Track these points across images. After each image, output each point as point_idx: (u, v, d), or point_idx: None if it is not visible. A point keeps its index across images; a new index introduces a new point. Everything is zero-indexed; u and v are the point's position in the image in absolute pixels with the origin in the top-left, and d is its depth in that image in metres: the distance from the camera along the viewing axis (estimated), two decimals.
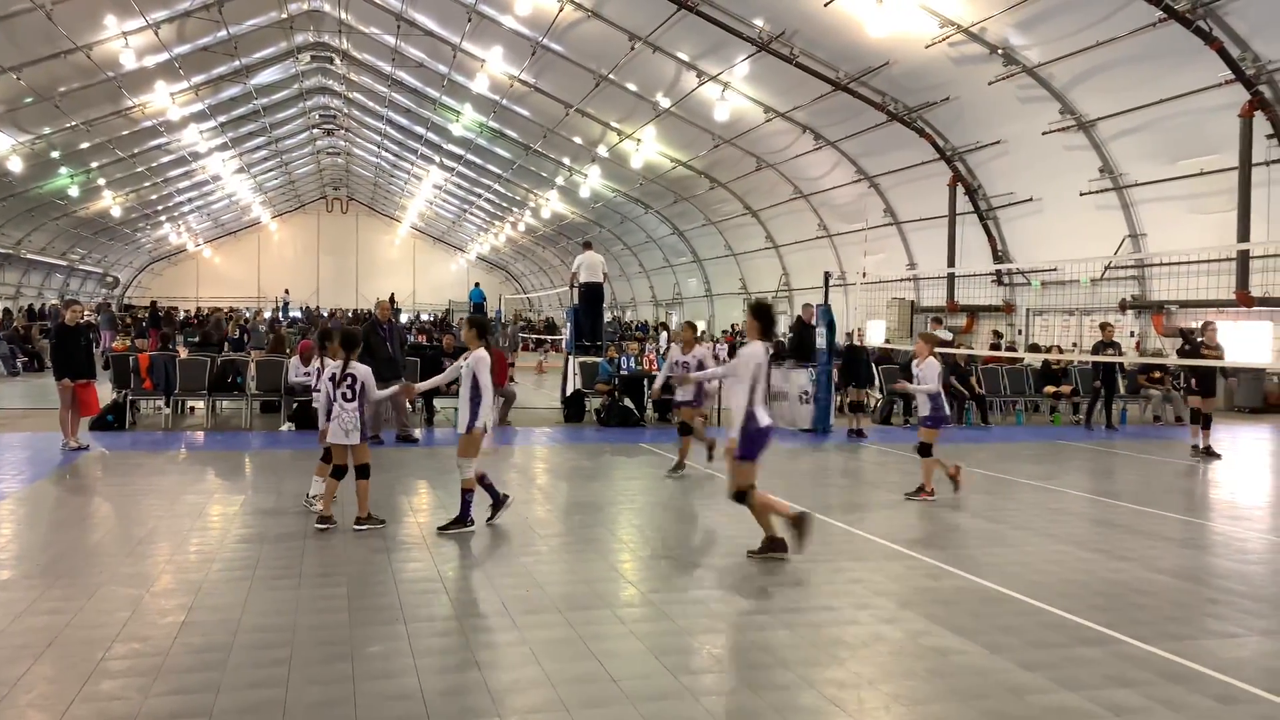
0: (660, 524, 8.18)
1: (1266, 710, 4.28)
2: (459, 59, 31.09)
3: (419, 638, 5.00)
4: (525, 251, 65.09)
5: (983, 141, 24.74)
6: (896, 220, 30.07)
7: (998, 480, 10.90)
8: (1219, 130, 19.02)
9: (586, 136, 35.82)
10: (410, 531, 7.57)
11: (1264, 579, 6.67)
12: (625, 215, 46.67)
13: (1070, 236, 23.35)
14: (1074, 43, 19.52)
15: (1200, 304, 20.04)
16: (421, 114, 40.51)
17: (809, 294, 30.39)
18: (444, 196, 58.05)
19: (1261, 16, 17.05)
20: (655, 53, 25.96)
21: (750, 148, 31.60)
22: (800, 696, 4.34)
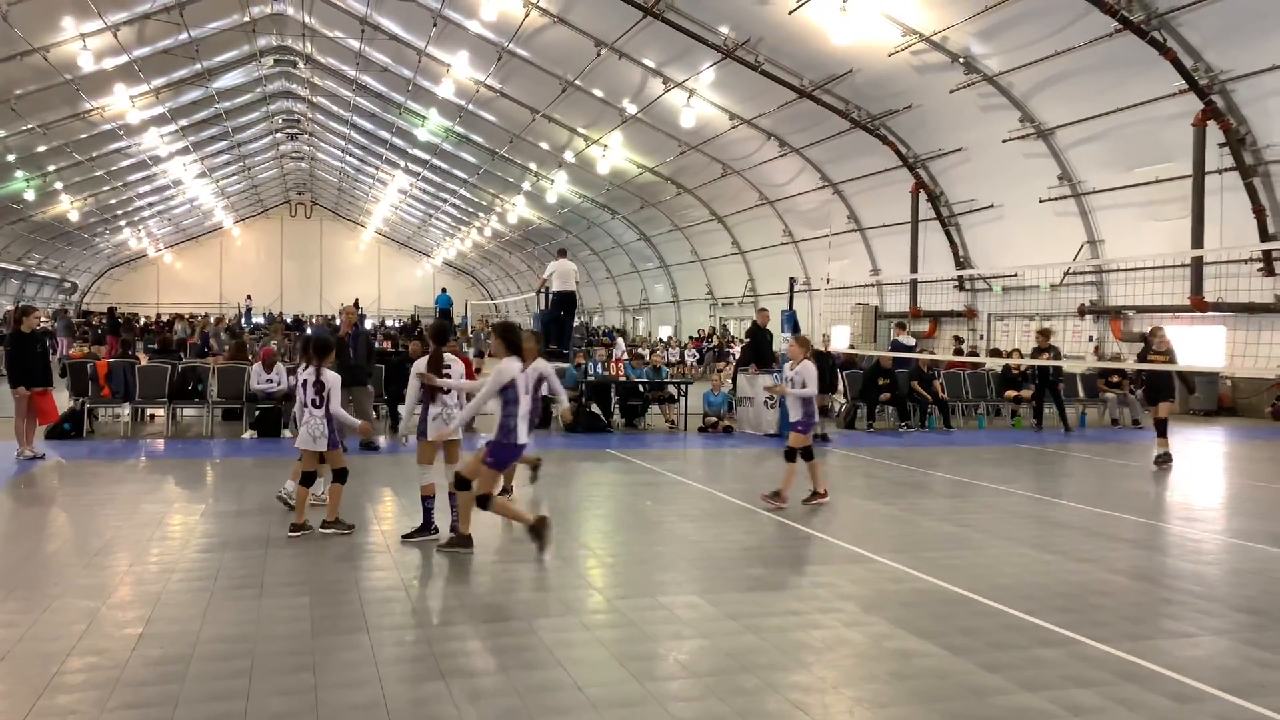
0: (627, 530, 8.18)
1: (1220, 709, 4.36)
2: (424, 64, 30.97)
3: (383, 647, 4.97)
4: (492, 257, 64.87)
5: (944, 149, 25.06)
6: (860, 226, 30.36)
7: (960, 484, 11.03)
8: (1173, 139, 19.43)
9: (553, 142, 35.80)
10: (374, 540, 7.51)
11: (1218, 580, 6.81)
12: (592, 221, 46.69)
13: (1030, 242, 23.72)
14: (1033, 52, 19.85)
15: (1156, 309, 20.43)
16: (386, 118, 40.28)
17: (774, 299, 30.55)
18: (409, 201, 57.73)
19: (1213, 28, 17.45)
20: (621, 59, 26.03)
21: (716, 154, 31.76)
22: (766, 701, 4.36)
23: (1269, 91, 17.81)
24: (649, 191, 38.45)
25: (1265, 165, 18.57)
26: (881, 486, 10.78)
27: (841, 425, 17.09)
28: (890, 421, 17.32)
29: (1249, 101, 18.29)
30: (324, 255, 67.77)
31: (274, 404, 14.06)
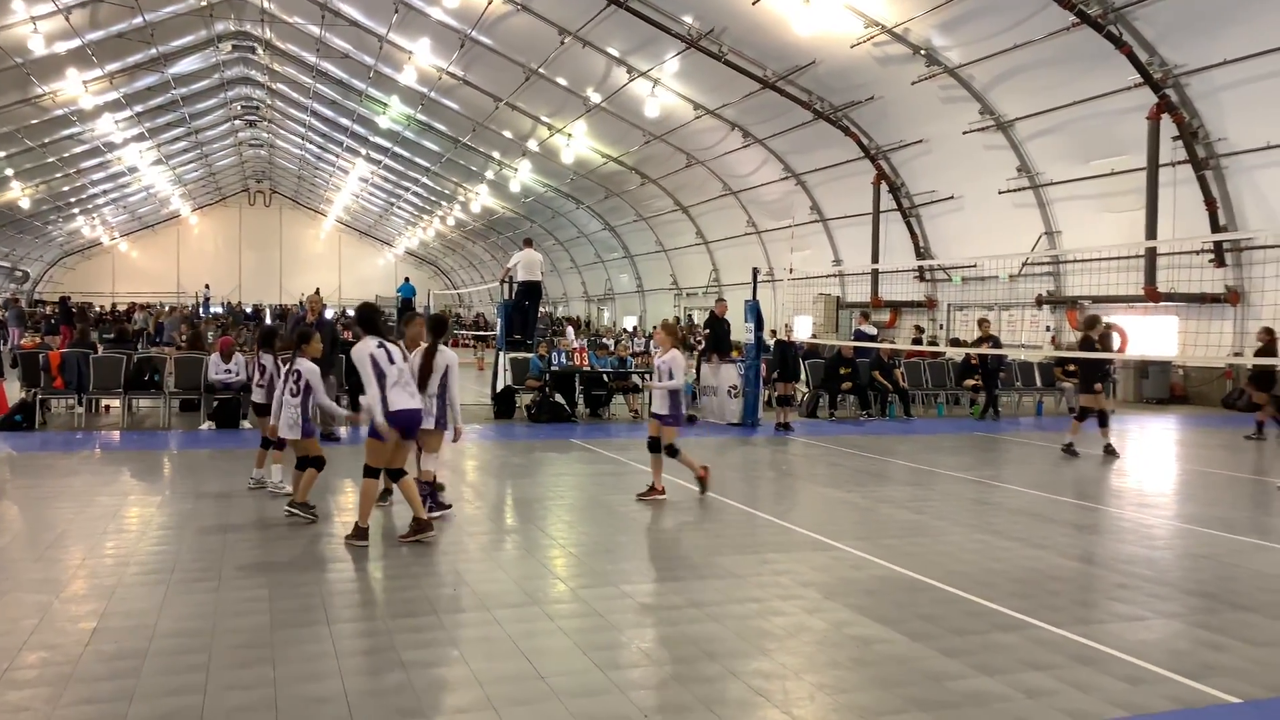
0: (590, 520, 8.18)
1: (1171, 690, 4.46)
2: (385, 50, 30.62)
3: (343, 638, 4.93)
4: (455, 246, 64.43)
5: (906, 140, 25.26)
6: (823, 217, 30.54)
7: (920, 471, 11.16)
8: (1128, 132, 19.75)
9: (517, 130, 35.58)
10: (335, 531, 7.45)
11: (1169, 564, 6.96)
12: (556, 210, 46.52)
13: (989, 233, 24.02)
14: (993, 45, 20.05)
15: (1111, 299, 20.79)
16: (347, 106, 39.78)
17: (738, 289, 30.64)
18: (370, 190, 57.13)
19: (1168, 22, 17.74)
20: (585, 47, 25.92)
21: (680, 144, 31.76)
22: (727, 689, 4.39)
23: (1220, 86, 18.16)
24: (613, 181, 38.38)
25: (1217, 159, 18.94)
26: (843, 474, 10.87)
27: (804, 414, 17.22)
28: (852, 410, 17.48)
29: (1201, 96, 18.63)
30: (284, 244, 66.90)
31: (232, 395, 13.87)
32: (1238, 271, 19.42)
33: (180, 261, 63.83)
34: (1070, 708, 4.21)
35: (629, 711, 4.09)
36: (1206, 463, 12.51)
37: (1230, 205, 19.10)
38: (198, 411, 14.74)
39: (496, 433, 14.14)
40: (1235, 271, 19.43)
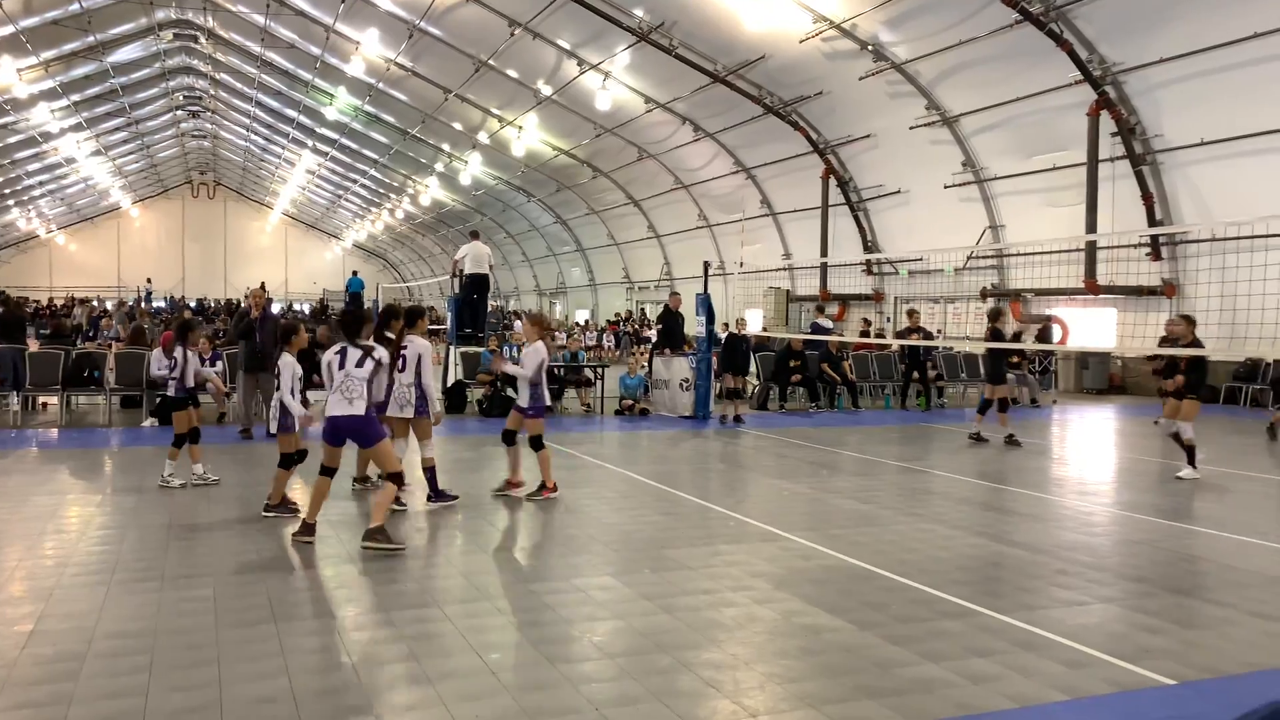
0: (541, 514, 8.17)
1: (1109, 673, 4.58)
2: (332, 41, 30.14)
3: (291, 637, 4.86)
4: (404, 239, 63.77)
5: (854, 135, 25.53)
6: (773, 211, 30.76)
7: (867, 462, 11.31)
8: (1070, 127, 20.18)
9: (466, 123, 35.29)
10: (282, 528, 7.34)
11: (1107, 550, 7.15)
12: (507, 203, 46.24)
13: (935, 227, 24.39)
14: (939, 41, 20.34)
15: (1053, 291, 21.25)
16: (293, 96, 39.13)
17: (690, 283, 30.74)
18: (318, 182, 56.29)
19: (1107, 21, 18.14)
20: (536, 39, 25.79)
21: (632, 138, 31.76)
22: (679, 680, 4.42)
23: (1157, 84, 18.63)
24: (565, 174, 38.25)
25: (1153, 154, 19.43)
26: (792, 466, 10.98)
27: (754, 406, 17.35)
28: (801, 402, 17.66)
29: (1139, 93, 19.09)
30: (228, 237, 65.65)
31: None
32: (1173, 265, 19.95)
33: (121, 255, 62.31)
34: (1013, 692, 4.31)
35: (580, 704, 4.10)
36: (1144, 451, 12.85)
37: (1166, 200, 19.61)
38: (140, 408, 14.42)
39: (447, 428, 14.02)
40: (1171, 265, 19.96)
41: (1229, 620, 5.40)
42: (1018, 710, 4.12)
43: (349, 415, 6.74)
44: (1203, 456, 10.58)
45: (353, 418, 6.75)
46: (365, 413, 6.78)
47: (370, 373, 6.83)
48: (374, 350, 6.90)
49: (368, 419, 6.82)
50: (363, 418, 6.78)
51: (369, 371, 6.82)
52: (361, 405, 6.79)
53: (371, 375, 6.83)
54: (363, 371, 6.81)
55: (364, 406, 6.78)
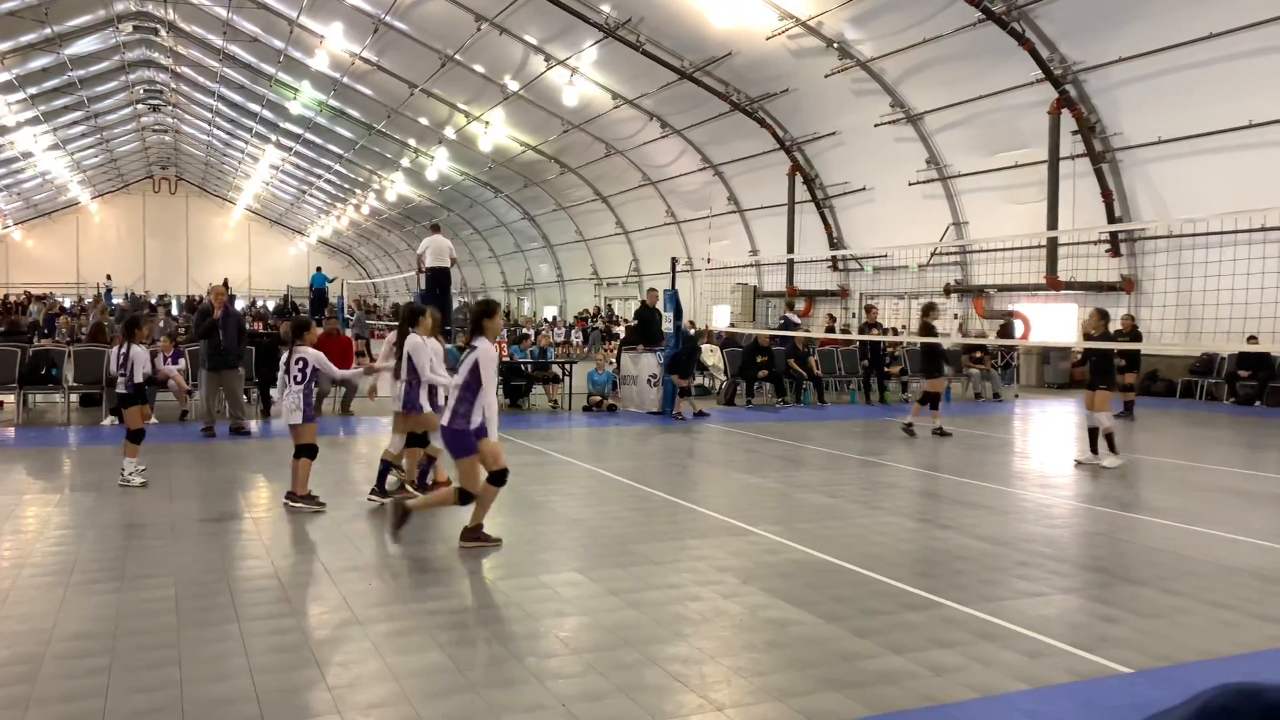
0: (508, 510, 8.14)
1: (1069, 662, 4.66)
2: (296, 34, 29.81)
3: (254, 637, 4.82)
4: (369, 235, 63.23)
5: (819, 132, 25.69)
6: (740, 208, 30.87)
7: (833, 456, 11.40)
8: (1031, 125, 20.45)
9: (433, 118, 35.05)
10: (245, 527, 7.27)
11: (1067, 541, 7.26)
12: (474, 199, 46.00)
13: (900, 224, 24.61)
14: (903, 39, 20.52)
15: (1015, 287, 21.53)
16: (256, 91, 38.63)
17: (658, 279, 30.78)
18: (281, 177, 55.63)
19: (1068, 20, 18.40)
20: (502, 35, 25.66)
21: (599, 134, 31.71)
22: (645, 675, 4.43)
23: (1116, 83, 18.92)
24: (532, 170, 38.12)
25: (1113, 152, 19.74)
26: (759, 460, 11.04)
27: (721, 401, 17.42)
28: (768, 397, 17.76)
29: (1099, 92, 19.38)
30: (190, 233, 64.67)
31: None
32: (1132, 261, 20.29)
33: (80, 251, 61.18)
34: (975, 683, 4.37)
35: (546, 701, 4.10)
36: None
37: (1125, 197, 19.93)
38: (100, 406, 14.19)
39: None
40: (1130, 261, 20.29)
41: (1183, 609, 5.51)
42: (979, 700, 4.18)
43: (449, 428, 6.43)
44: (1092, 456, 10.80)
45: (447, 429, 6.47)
46: (448, 424, 6.37)
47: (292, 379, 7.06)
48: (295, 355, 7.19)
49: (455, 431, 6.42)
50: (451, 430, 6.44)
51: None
52: (298, 415, 7.28)
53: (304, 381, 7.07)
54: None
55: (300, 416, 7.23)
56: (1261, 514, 8.24)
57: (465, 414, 6.31)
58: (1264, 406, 17.85)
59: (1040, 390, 21.43)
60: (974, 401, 19.23)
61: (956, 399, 19.37)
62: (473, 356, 6.28)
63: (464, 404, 6.28)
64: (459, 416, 6.31)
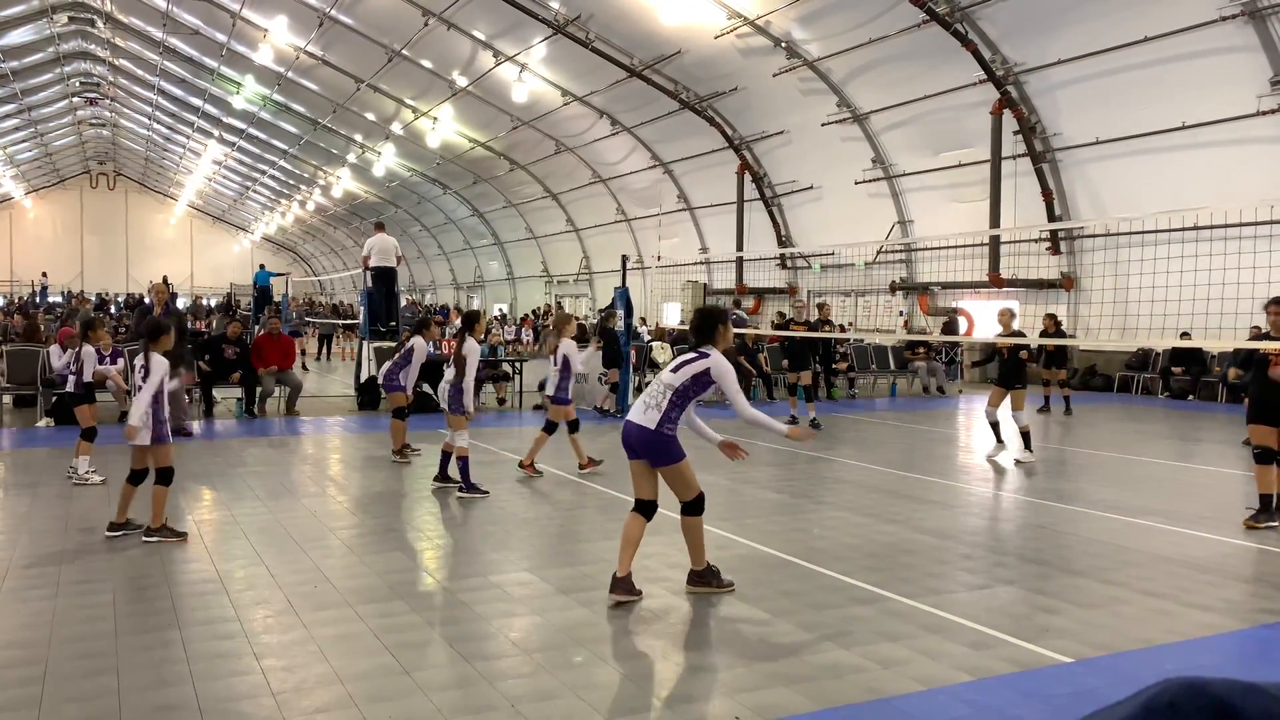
0: (458, 511, 8.09)
1: (1010, 653, 4.75)
2: (239, 27, 29.21)
3: (196, 642, 4.72)
4: (315, 232, 62.31)
5: (768, 131, 25.86)
6: (689, 206, 30.97)
7: (780, 452, 11.49)
8: (974, 125, 20.80)
9: (380, 113, 34.63)
10: (187, 530, 7.10)
11: (1009, 534, 7.41)
12: (423, 195, 45.55)
13: (846, 222, 24.89)
14: (850, 39, 20.75)
15: (959, 285, 21.89)
16: (198, 85, 37.79)
17: (608, 277, 30.80)
18: (224, 173, 54.54)
19: (1010, 22, 18.75)
20: (450, 30, 25.44)
21: (549, 130, 31.59)
22: (595, 673, 4.43)
23: (1056, 84, 19.33)
24: (481, 166, 37.85)
25: (1053, 152, 20.17)
26: (707, 456, 11.01)
27: None
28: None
29: (1039, 93, 19.79)
30: (130, 230, 63.15)
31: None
32: (1071, 259, 20.75)
33: (14, 248, 59.40)
34: (920, 675, 4.43)
35: (496, 701, 4.08)
36: (1044, 438, 13.34)
37: (1064, 196, 20.38)
38: (34, 407, 13.80)
39: (361, 424, 13.78)
40: (1069, 259, 20.76)
41: (1121, 599, 5.65)
42: (924, 692, 4.24)
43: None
44: (991, 449, 11.05)
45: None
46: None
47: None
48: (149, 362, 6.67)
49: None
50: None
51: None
52: (147, 435, 6.62)
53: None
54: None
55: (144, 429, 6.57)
56: (1194, 505, 8.49)
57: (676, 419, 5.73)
58: (1196, 401, 18.39)
59: (983, 386, 21.78)
60: (920, 396, 19.53)
61: (902, 394, 19.67)
62: (703, 364, 5.66)
63: (676, 409, 5.70)
64: (671, 422, 5.68)
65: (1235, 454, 11.34)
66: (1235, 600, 5.68)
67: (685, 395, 5.60)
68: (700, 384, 5.63)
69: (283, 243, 68.52)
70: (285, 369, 14.66)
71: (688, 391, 5.60)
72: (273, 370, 14.32)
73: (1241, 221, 16.29)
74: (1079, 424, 14.85)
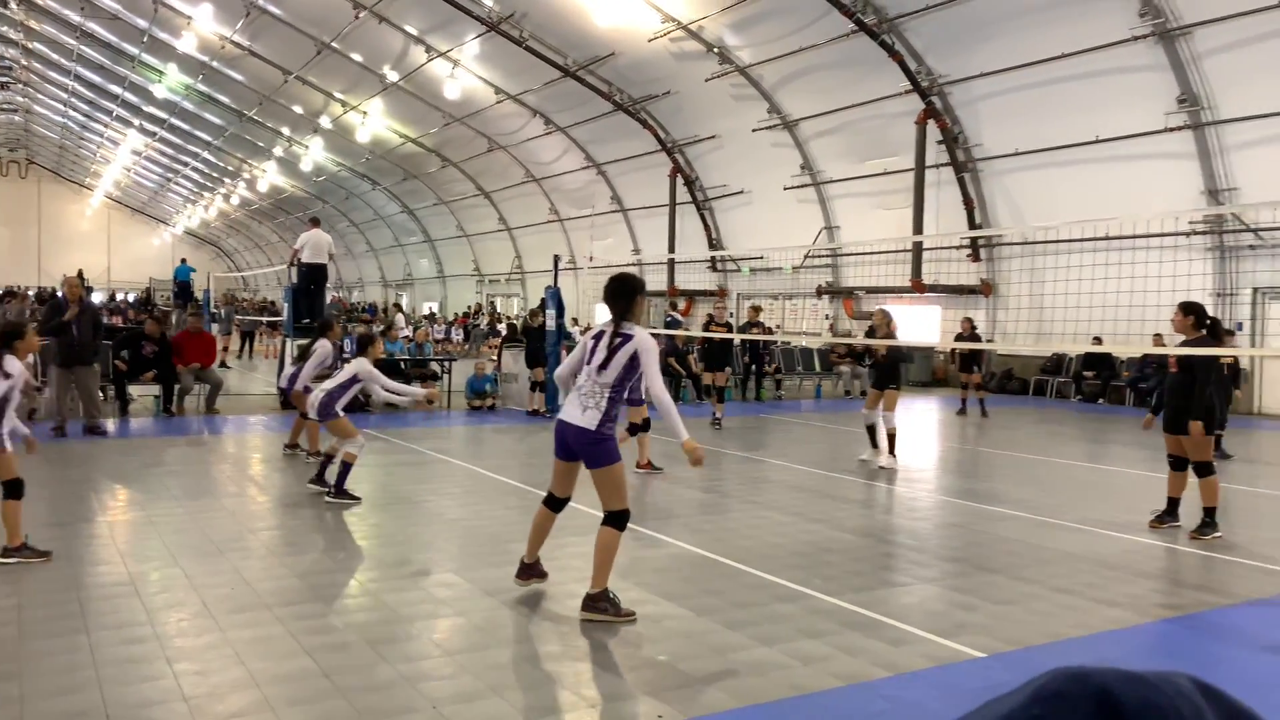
0: (383, 512, 7.98)
1: (928, 649, 4.87)
2: (161, 14, 28.31)
3: (105, 647, 4.58)
4: (239, 226, 60.82)
5: (700, 135, 26.07)
6: (623, 207, 31.04)
7: (709, 452, 11.59)
8: (899, 134, 21.27)
9: (308, 106, 33.95)
10: (99, 531, 6.89)
11: (928, 533, 7.60)
12: (351, 191, 44.78)
13: (776, 227, 25.24)
14: (781, 46, 21.04)
15: (883, 289, 22.35)
16: (118, 72, 36.57)
17: (541, 277, 30.68)
18: (145, 164, 52.88)
19: (935, 34, 19.22)
20: (382, 23, 25.08)
21: (482, 128, 31.36)
22: (519, 674, 4.42)
23: (978, 96, 19.88)
24: (412, 163, 37.38)
25: (974, 162, 20.74)
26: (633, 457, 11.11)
27: None
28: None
29: (962, 104, 20.32)
30: (43, 221, 60.84)
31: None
32: (990, 266, 21.35)
33: None
34: (841, 671, 4.52)
35: (418, 703, 4.04)
36: (961, 439, 13.72)
37: (985, 205, 20.96)
38: None
39: (284, 424, 13.48)
40: (988, 266, 21.36)
41: (1033, 595, 5.84)
42: (844, 688, 4.33)
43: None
44: (866, 455, 11.36)
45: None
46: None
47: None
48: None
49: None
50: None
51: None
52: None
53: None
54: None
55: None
56: (1102, 504, 8.81)
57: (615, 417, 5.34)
58: (1106, 404, 19.08)
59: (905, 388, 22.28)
60: (843, 398, 19.88)
61: (826, 396, 20.00)
62: (629, 348, 5.27)
63: (615, 405, 5.35)
64: (610, 420, 5.28)
65: (1140, 455, 11.80)
66: (1139, 596, 5.91)
67: (621, 387, 5.35)
68: (633, 368, 5.32)
69: (205, 237, 66.73)
70: (206, 366, 14.32)
71: (623, 383, 5.35)
72: (195, 368, 13.97)
73: (1149, 233, 16.97)
74: (995, 426, 15.29)
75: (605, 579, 5.18)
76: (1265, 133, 16.02)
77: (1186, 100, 16.68)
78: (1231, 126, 16.48)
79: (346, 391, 8.17)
